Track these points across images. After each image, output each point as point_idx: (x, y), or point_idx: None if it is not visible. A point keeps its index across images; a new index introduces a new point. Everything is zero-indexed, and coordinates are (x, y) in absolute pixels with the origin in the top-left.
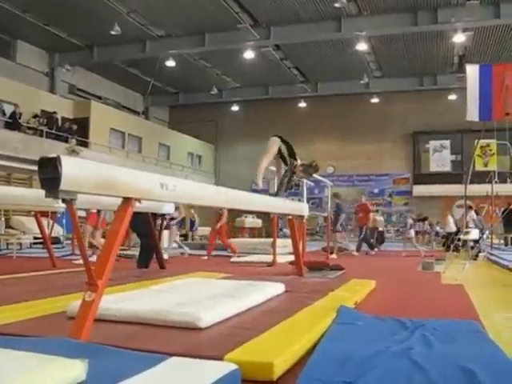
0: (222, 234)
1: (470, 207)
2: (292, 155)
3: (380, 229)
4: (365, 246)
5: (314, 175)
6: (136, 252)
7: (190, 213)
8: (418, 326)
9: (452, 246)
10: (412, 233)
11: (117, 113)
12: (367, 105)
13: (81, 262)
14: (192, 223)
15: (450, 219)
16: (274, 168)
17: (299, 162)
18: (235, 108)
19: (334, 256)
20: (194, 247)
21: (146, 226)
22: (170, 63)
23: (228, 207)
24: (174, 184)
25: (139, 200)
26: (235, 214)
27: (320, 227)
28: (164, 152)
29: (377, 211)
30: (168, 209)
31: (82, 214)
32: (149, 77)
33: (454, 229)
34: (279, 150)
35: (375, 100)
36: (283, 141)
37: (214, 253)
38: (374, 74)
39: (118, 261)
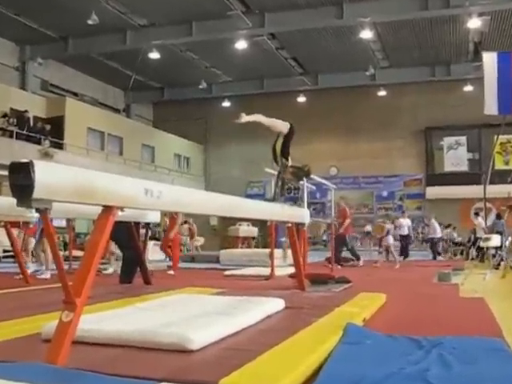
0: (172, 243)
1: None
2: (285, 154)
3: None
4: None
5: (316, 178)
6: (118, 266)
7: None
8: (434, 344)
9: (472, 254)
10: (390, 240)
11: (95, 111)
12: (373, 98)
13: (44, 276)
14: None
15: (481, 221)
16: (272, 171)
17: (290, 162)
18: (226, 104)
19: (339, 267)
20: (182, 259)
21: (128, 236)
22: (154, 55)
23: (220, 215)
24: (159, 190)
25: (121, 208)
26: (228, 222)
27: (326, 235)
28: (148, 154)
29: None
30: (153, 217)
31: (63, 223)
32: (130, 71)
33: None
34: (273, 145)
35: (382, 93)
36: (289, 134)
37: (204, 266)
38: (381, 64)
39: (98, 275)
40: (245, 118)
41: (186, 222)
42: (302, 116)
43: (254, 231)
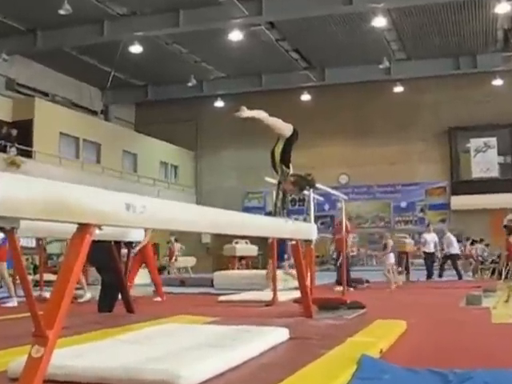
0: (146, 261)
1: None
2: (285, 160)
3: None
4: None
5: (324, 187)
6: (96, 291)
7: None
8: (463, 379)
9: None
10: (391, 258)
11: (68, 113)
12: (389, 95)
13: (11, 304)
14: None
15: None
16: (273, 181)
17: (291, 170)
18: (219, 104)
19: (351, 290)
20: (169, 283)
21: (108, 258)
22: (136, 49)
23: (214, 232)
24: (143, 204)
25: (99, 226)
26: (224, 239)
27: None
28: (130, 162)
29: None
30: (136, 235)
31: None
32: (108, 67)
33: None
34: (272, 151)
35: (399, 89)
36: (291, 138)
37: (197, 290)
38: (397, 55)
39: (73, 303)
40: (246, 113)
41: (175, 241)
42: (307, 116)
43: (253, 250)
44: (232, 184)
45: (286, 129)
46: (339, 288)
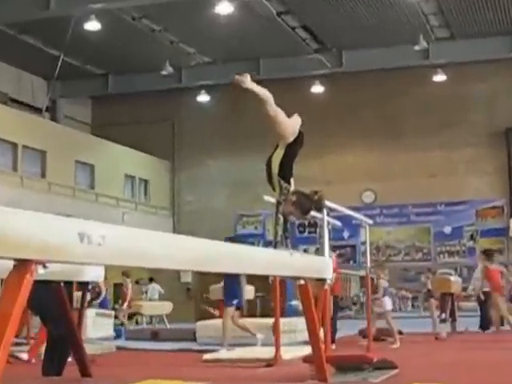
0: None
1: None
2: (285, 173)
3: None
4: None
5: (342, 208)
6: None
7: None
8: None
9: None
10: (388, 304)
11: (3, 111)
12: (427, 86)
13: None
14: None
15: None
16: (271, 199)
17: (292, 186)
18: (204, 98)
19: (381, 345)
20: (138, 336)
21: (55, 303)
22: (92, 26)
23: (196, 269)
24: (101, 234)
25: (43, 263)
26: (209, 278)
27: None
28: (85, 175)
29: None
30: (93, 274)
31: None
32: (57, 50)
33: None
34: (268, 160)
35: (440, 77)
36: (294, 144)
37: (174, 346)
38: (437, 33)
39: (9, 363)
40: (249, 83)
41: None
42: (319, 114)
43: (248, 291)
44: (221, 204)
45: (289, 129)
46: (364, 341)
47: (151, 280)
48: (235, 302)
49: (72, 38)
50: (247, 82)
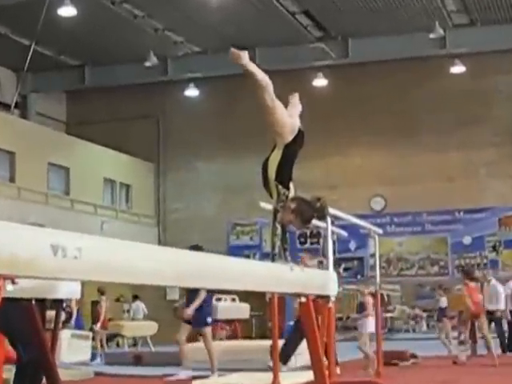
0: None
1: None
2: (283, 177)
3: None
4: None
5: (348, 216)
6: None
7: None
8: None
9: None
10: (370, 325)
11: None
12: (444, 78)
13: None
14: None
15: None
16: (269, 206)
17: (292, 191)
18: (193, 92)
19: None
20: (119, 360)
21: (26, 324)
22: (68, 11)
23: (184, 285)
24: (77, 246)
25: (12, 279)
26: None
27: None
28: (59, 179)
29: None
30: (68, 291)
31: None
32: (28, 38)
33: None
34: (264, 162)
35: (459, 69)
36: (293, 144)
37: (159, 371)
38: (455, 20)
39: None
40: (247, 60)
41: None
42: (322, 110)
43: (243, 310)
44: (212, 212)
45: (288, 126)
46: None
47: (136, 298)
48: (210, 319)
49: (44, 25)
50: (244, 58)
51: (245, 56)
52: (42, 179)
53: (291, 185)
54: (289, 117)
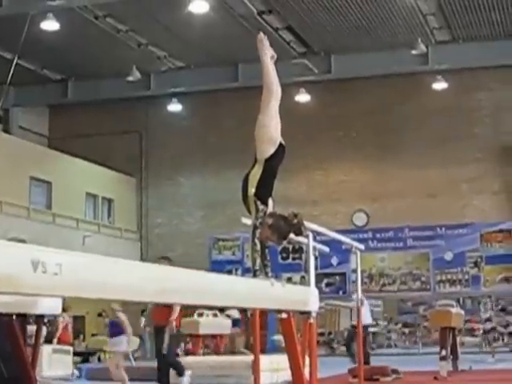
0: None
1: None
2: (262, 193)
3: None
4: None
5: (329, 232)
6: None
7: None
8: None
9: None
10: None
11: None
12: (426, 95)
13: None
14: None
15: None
16: (250, 221)
17: (270, 207)
18: (175, 107)
19: None
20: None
21: (7, 340)
22: (51, 25)
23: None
24: (58, 261)
25: None
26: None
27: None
28: (41, 194)
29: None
30: (49, 306)
31: None
32: (10, 52)
33: None
34: (244, 178)
35: (441, 85)
36: (273, 159)
37: None
38: (438, 36)
39: None
40: (264, 53)
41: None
42: (305, 126)
43: (225, 325)
44: (195, 227)
45: (267, 139)
46: (354, 381)
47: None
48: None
49: (27, 39)
50: (265, 48)
51: (268, 50)
52: (24, 193)
53: (270, 201)
54: (276, 132)
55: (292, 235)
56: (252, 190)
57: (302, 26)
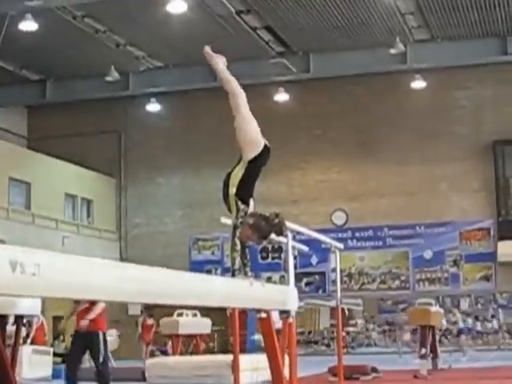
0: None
1: None
2: (243, 193)
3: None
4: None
5: (309, 231)
6: None
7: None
8: None
9: None
10: None
11: None
12: (405, 94)
13: None
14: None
15: None
16: (230, 221)
17: (251, 207)
18: (154, 107)
19: None
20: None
21: None
22: (29, 25)
23: (145, 301)
24: (36, 262)
25: None
26: (160, 310)
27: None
28: (20, 194)
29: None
30: (28, 306)
31: None
32: None
33: None
34: (226, 177)
35: (419, 84)
36: (258, 159)
37: None
38: (416, 35)
39: None
40: (216, 62)
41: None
42: (284, 125)
43: (205, 325)
44: (174, 227)
45: (254, 142)
46: (334, 380)
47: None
48: None
49: (5, 40)
50: (214, 58)
51: (218, 59)
52: (3, 194)
53: (251, 201)
54: (258, 134)
55: (273, 235)
56: (233, 190)
57: (280, 26)
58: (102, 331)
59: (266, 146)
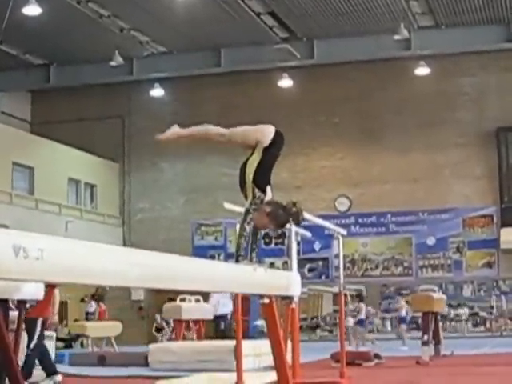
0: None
1: None
2: (261, 181)
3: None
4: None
5: (313, 218)
6: None
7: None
8: None
9: None
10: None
11: None
12: (409, 80)
13: None
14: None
15: None
16: (235, 208)
17: (269, 195)
18: (158, 92)
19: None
20: (83, 360)
21: None
22: (32, 10)
23: (148, 286)
24: (39, 247)
25: None
26: (163, 295)
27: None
28: (23, 179)
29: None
30: (31, 291)
31: None
32: None
33: None
34: (242, 165)
35: (423, 70)
36: (273, 147)
37: (123, 371)
38: (420, 22)
39: None
40: (171, 132)
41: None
42: (288, 111)
43: (207, 310)
44: (177, 212)
45: (263, 134)
46: (337, 365)
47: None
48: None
49: (9, 24)
50: (166, 133)
51: (172, 130)
52: (7, 179)
53: (268, 189)
54: (251, 130)
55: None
56: (250, 177)
57: (284, 11)
58: (42, 317)
59: (277, 131)
